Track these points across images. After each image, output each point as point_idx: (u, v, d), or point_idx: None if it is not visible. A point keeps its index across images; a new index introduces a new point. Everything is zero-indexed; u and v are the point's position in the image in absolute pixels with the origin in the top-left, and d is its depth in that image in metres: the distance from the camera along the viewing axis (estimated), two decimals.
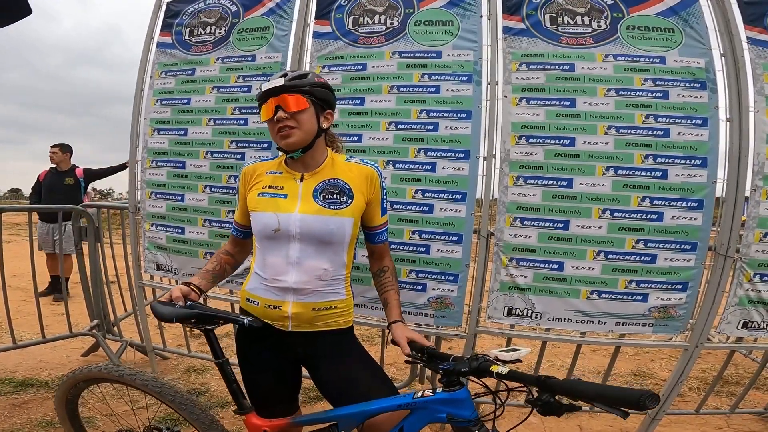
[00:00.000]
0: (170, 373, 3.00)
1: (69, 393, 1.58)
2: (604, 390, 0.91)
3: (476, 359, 1.11)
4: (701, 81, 1.92)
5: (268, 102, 1.32)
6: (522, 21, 2.05)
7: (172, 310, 1.27)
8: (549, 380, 0.98)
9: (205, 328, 1.30)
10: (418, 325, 2.10)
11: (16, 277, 4.51)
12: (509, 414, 2.36)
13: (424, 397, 1.16)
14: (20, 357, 3.04)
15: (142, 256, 2.58)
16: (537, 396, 0.99)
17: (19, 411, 2.39)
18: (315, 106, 1.34)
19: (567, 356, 3.53)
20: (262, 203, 1.35)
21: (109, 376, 1.44)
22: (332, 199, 1.33)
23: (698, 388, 3.07)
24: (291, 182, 1.36)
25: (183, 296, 1.30)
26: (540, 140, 1.97)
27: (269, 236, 1.32)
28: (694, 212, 1.90)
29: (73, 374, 1.52)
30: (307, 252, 1.31)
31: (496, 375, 1.06)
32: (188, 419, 1.39)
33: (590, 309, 1.97)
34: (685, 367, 2.02)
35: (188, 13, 2.47)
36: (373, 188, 1.39)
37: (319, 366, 1.36)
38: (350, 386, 1.30)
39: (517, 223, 1.99)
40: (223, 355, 1.33)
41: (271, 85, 1.31)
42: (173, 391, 1.41)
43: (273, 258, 1.32)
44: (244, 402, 1.34)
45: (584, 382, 0.97)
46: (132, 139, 2.56)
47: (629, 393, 0.86)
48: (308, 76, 1.35)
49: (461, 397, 1.13)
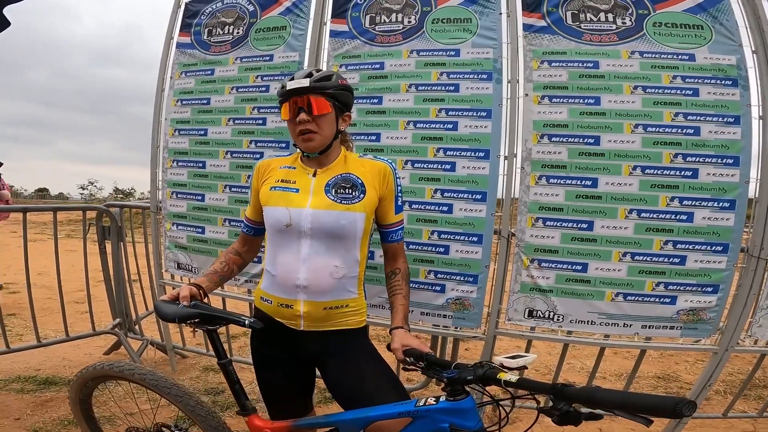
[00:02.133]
0: (189, 371, 3.04)
1: (81, 392, 1.61)
2: (630, 398, 0.85)
3: (481, 366, 1.05)
4: (732, 78, 1.86)
5: (291, 101, 1.31)
6: (543, 18, 2.01)
7: (175, 309, 1.26)
8: (566, 388, 0.91)
9: (208, 328, 1.28)
10: (435, 326, 2.08)
11: (41, 275, 4.62)
12: (526, 416, 2.33)
13: (426, 405, 1.10)
14: (44, 355, 3.10)
15: (163, 256, 2.61)
16: (553, 405, 0.92)
17: (42, 409, 2.44)
18: (336, 110, 1.33)
19: (587, 358, 3.46)
20: (273, 197, 1.34)
21: (112, 372, 1.47)
22: (344, 193, 1.31)
23: (725, 392, 2.98)
24: (304, 177, 1.35)
25: (189, 296, 1.30)
26: (563, 139, 1.93)
27: (281, 231, 1.31)
28: (725, 212, 1.84)
29: (81, 374, 1.55)
30: (318, 248, 1.29)
31: (504, 383, 0.99)
32: (185, 411, 1.40)
33: (615, 311, 1.92)
34: (714, 371, 1.97)
35: (206, 13, 2.49)
36: (387, 183, 1.36)
37: (330, 366, 1.34)
38: (356, 386, 1.28)
39: (539, 223, 1.95)
40: (225, 356, 1.32)
41: (295, 85, 1.30)
42: (169, 384, 1.42)
43: (284, 255, 1.31)
44: (246, 403, 1.32)
45: (606, 390, 0.89)
46: (153, 139, 2.61)
47: (663, 400, 0.81)
48: (332, 78, 1.34)
49: (466, 406, 1.07)
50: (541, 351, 3.62)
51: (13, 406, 2.43)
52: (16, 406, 2.43)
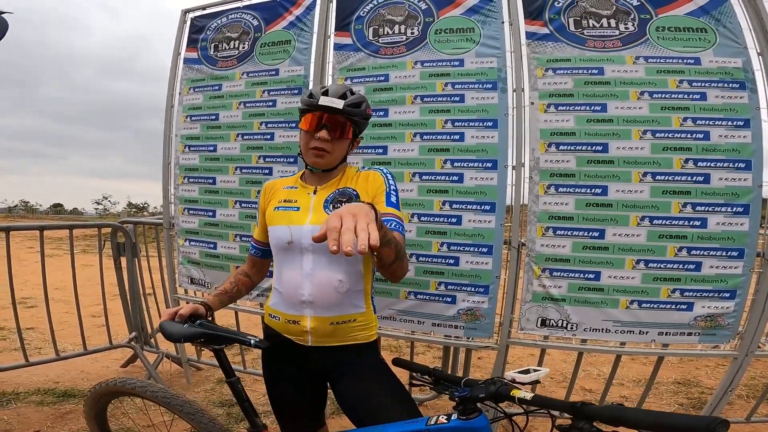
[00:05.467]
0: (204, 384, 3.07)
1: (95, 408, 1.64)
2: (660, 417, 0.80)
3: (493, 383, 1.03)
4: (740, 81, 1.83)
5: (317, 113, 1.32)
6: (545, 26, 2.01)
7: (180, 329, 1.26)
8: (586, 407, 0.87)
9: (214, 348, 1.29)
10: (447, 337, 2.08)
11: (58, 290, 4.72)
12: (542, 424, 2.30)
13: (438, 424, 1.06)
14: (63, 368, 3.16)
15: (177, 271, 2.65)
16: (572, 423, 0.88)
17: (62, 421, 2.48)
18: (353, 136, 1.37)
19: (603, 365, 3.42)
20: (276, 217, 1.36)
21: (125, 389, 1.50)
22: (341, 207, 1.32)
23: (747, 396, 2.92)
24: (304, 195, 1.38)
25: (190, 314, 1.32)
26: (571, 147, 1.92)
27: (284, 248, 1.33)
28: (739, 217, 1.81)
29: (95, 389, 1.59)
30: (321, 263, 1.30)
31: (518, 401, 0.96)
32: (197, 428, 1.41)
33: (630, 319, 1.90)
34: (735, 376, 1.93)
35: (212, 28, 2.53)
36: (376, 184, 1.35)
37: (339, 382, 1.34)
38: (366, 404, 1.27)
39: (549, 232, 1.94)
40: (233, 374, 1.32)
41: (329, 104, 1.30)
42: (181, 401, 1.43)
43: (288, 272, 1.33)
44: (256, 420, 1.32)
45: (631, 409, 0.85)
46: (165, 155, 2.64)
47: (696, 420, 0.75)
48: (362, 106, 1.36)
49: (478, 425, 1.03)
50: (555, 359, 3.58)
51: (33, 419, 2.47)
52: (36, 419, 2.48)
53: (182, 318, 1.32)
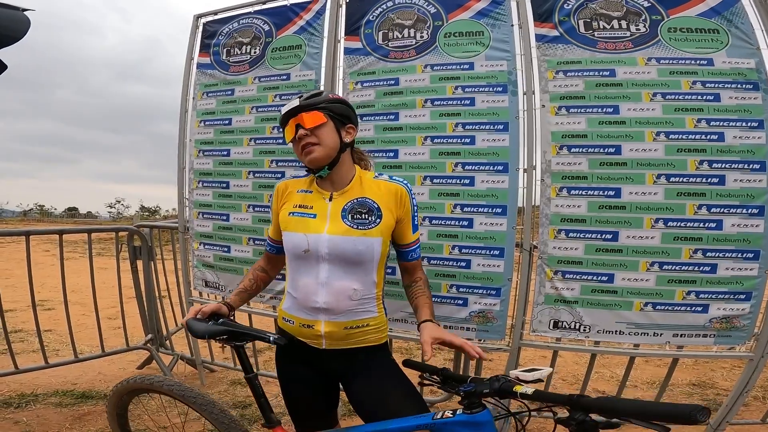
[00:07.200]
0: (217, 385, 3.11)
1: (117, 407, 1.69)
2: (646, 406, 0.86)
3: (497, 380, 1.07)
4: (753, 82, 1.82)
5: (289, 123, 1.37)
6: (555, 28, 2.00)
7: (205, 327, 1.33)
8: (582, 399, 0.93)
9: (235, 344, 1.34)
10: None
11: (75, 293, 4.81)
12: (550, 425, 2.29)
13: (444, 418, 1.12)
14: (80, 370, 3.22)
15: (192, 274, 2.69)
16: (569, 415, 0.94)
17: (80, 423, 2.52)
18: (334, 121, 1.36)
19: (617, 367, 3.39)
20: (292, 223, 1.37)
21: (144, 385, 1.57)
22: (360, 219, 1.33)
23: (763, 397, 2.88)
24: (320, 201, 1.38)
25: (211, 312, 1.38)
26: (583, 149, 1.92)
27: (300, 256, 1.35)
28: (755, 219, 1.79)
29: (117, 388, 1.64)
30: (337, 272, 1.32)
31: (521, 396, 1.01)
32: (209, 419, 1.46)
33: (644, 321, 1.89)
34: (750, 378, 1.91)
35: (224, 33, 2.56)
36: (403, 205, 1.37)
37: (352, 383, 1.37)
38: (378, 403, 1.30)
39: (561, 235, 1.94)
40: (252, 371, 1.37)
41: (288, 107, 1.37)
42: (195, 393, 1.49)
43: (304, 278, 1.35)
44: (271, 416, 1.36)
45: (622, 400, 0.92)
46: (179, 160, 2.69)
47: (678, 408, 0.83)
48: (322, 94, 1.39)
49: (482, 419, 1.08)
50: (568, 361, 3.56)
51: (53, 420, 2.53)
52: (55, 420, 2.53)
53: (204, 315, 1.37)
